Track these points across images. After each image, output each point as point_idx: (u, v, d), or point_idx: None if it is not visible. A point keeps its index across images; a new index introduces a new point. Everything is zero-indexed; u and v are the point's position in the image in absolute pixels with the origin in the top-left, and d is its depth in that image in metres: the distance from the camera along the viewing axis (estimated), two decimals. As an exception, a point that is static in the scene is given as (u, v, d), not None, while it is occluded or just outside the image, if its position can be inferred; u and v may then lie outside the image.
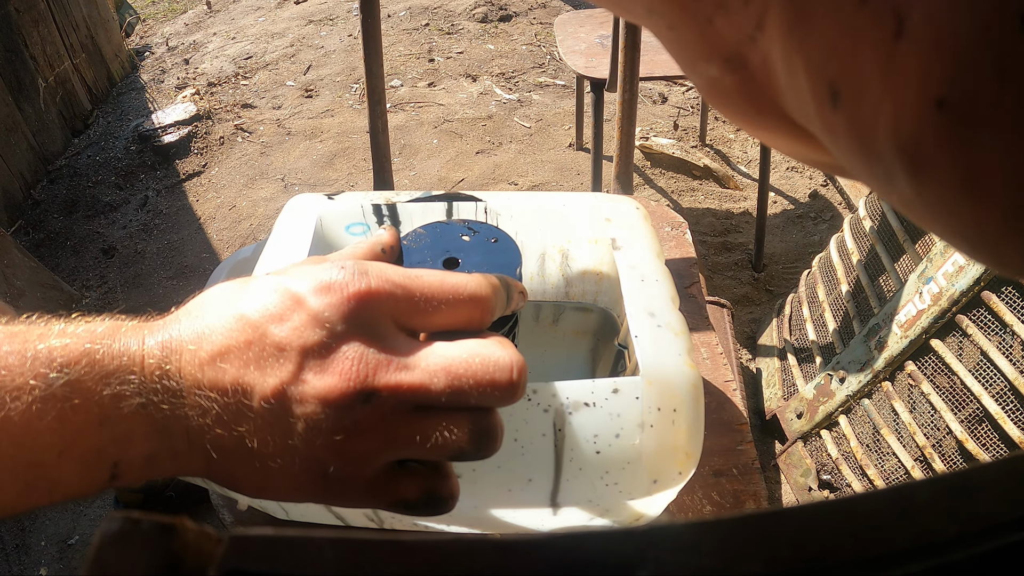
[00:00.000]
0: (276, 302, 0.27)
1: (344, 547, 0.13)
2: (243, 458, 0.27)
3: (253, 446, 0.26)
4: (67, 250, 1.75)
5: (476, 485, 0.37)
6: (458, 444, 0.27)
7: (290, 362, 0.26)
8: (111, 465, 0.26)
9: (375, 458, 0.27)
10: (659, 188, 1.84)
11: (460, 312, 0.29)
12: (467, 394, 0.26)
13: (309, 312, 0.27)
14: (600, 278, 0.55)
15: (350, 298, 0.27)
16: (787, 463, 1.14)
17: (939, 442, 0.88)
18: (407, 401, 0.26)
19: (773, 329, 1.35)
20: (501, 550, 0.13)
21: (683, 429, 0.37)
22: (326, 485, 0.27)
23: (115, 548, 0.13)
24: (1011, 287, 0.80)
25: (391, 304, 0.28)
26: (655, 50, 1.42)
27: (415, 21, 2.64)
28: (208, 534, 0.14)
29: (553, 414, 0.36)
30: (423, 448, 0.27)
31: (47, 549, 1.14)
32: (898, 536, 0.12)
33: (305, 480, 0.27)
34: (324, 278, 0.27)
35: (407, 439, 0.26)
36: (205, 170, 1.98)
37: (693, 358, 0.40)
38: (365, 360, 0.26)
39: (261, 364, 0.26)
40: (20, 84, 1.87)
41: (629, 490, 0.36)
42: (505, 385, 0.27)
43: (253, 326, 0.27)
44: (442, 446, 0.27)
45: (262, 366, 0.26)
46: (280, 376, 0.26)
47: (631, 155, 0.80)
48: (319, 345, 0.26)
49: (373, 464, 0.27)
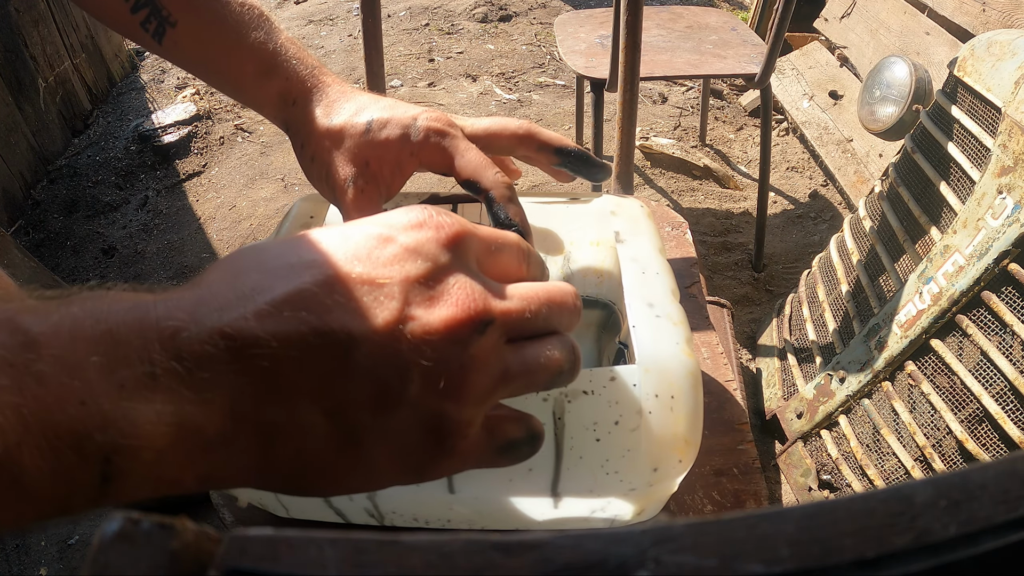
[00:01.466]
0: (358, 241, 0.24)
1: (344, 547, 0.13)
2: (324, 437, 0.22)
3: (345, 415, 0.22)
4: (67, 250, 1.75)
5: (477, 476, 0.37)
6: (559, 364, 0.27)
7: (393, 298, 0.23)
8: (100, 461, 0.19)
9: (491, 397, 0.25)
10: (659, 188, 1.84)
11: (519, 262, 0.30)
12: (557, 316, 0.27)
13: (404, 246, 0.24)
14: (601, 278, 0.55)
15: (447, 233, 0.26)
16: (787, 463, 1.14)
17: (939, 442, 0.88)
18: (515, 327, 0.25)
19: (773, 329, 1.35)
20: (501, 550, 0.13)
21: (682, 417, 0.37)
22: (438, 445, 0.24)
23: (115, 548, 0.13)
24: (1011, 287, 0.80)
25: (476, 244, 0.27)
26: (655, 50, 1.42)
27: (415, 21, 2.64)
28: (208, 534, 0.14)
29: (552, 403, 0.36)
30: (532, 377, 0.26)
31: (47, 549, 1.14)
32: (898, 536, 0.12)
33: (414, 447, 0.24)
34: (412, 218, 0.26)
35: (519, 368, 0.25)
36: (205, 170, 1.98)
37: (691, 347, 0.40)
38: (474, 289, 0.25)
39: (352, 305, 0.22)
40: (20, 84, 1.87)
41: (630, 479, 0.36)
42: (574, 307, 0.28)
43: (332, 266, 0.23)
44: (546, 368, 0.26)
45: (354, 308, 0.22)
46: (385, 315, 0.22)
47: (631, 155, 0.80)
48: (425, 276, 0.24)
49: (487, 404, 0.25)
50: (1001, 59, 0.86)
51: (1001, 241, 0.79)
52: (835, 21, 2.00)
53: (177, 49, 0.45)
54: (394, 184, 0.44)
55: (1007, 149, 0.81)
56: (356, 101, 0.44)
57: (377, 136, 0.42)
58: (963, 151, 0.90)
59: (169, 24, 0.44)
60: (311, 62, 0.46)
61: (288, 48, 0.45)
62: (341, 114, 0.44)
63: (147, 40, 0.44)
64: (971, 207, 0.85)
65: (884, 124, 1.29)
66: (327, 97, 0.45)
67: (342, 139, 0.43)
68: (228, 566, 0.13)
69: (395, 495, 0.39)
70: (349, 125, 0.43)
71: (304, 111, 0.44)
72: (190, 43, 0.45)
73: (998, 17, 1.44)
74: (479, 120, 0.45)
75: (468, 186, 0.42)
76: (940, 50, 1.57)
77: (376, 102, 0.44)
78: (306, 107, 0.44)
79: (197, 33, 0.44)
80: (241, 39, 0.44)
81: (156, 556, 0.13)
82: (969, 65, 0.91)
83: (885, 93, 1.29)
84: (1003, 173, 0.81)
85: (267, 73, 0.44)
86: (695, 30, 1.52)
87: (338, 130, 0.43)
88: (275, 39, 0.45)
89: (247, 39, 0.44)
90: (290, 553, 0.13)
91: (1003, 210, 0.79)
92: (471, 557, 0.12)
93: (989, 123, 0.86)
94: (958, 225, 0.86)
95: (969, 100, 0.91)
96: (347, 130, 0.43)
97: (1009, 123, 0.81)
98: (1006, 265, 0.79)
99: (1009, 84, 0.83)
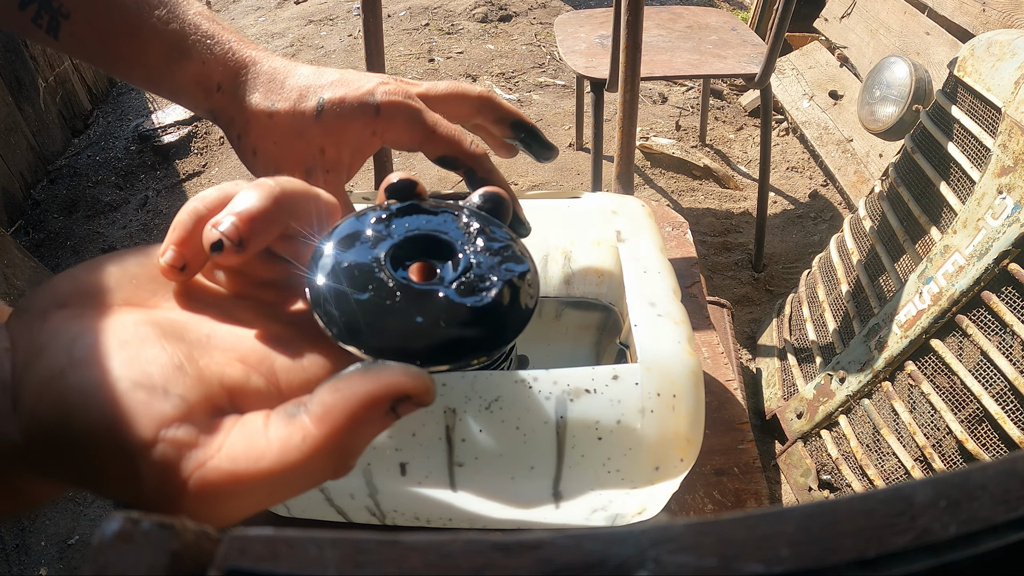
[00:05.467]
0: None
1: (344, 547, 0.13)
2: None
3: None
4: (67, 250, 1.75)
5: (479, 473, 0.37)
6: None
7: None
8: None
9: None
10: (659, 188, 1.84)
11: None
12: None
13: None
14: (602, 278, 0.55)
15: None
16: (787, 463, 1.14)
17: (939, 442, 0.88)
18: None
19: (773, 329, 1.35)
20: (501, 550, 0.13)
21: (683, 415, 0.37)
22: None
23: (115, 548, 0.13)
24: (1011, 287, 0.80)
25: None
26: (655, 50, 1.42)
27: (415, 21, 2.64)
28: (208, 534, 0.14)
29: (555, 401, 0.36)
30: None
31: (47, 549, 1.14)
32: (898, 536, 0.12)
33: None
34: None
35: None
36: (205, 170, 1.98)
37: (693, 346, 0.40)
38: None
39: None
40: (20, 84, 1.87)
41: (631, 477, 0.36)
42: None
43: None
44: None
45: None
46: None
47: (632, 155, 0.80)
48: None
49: None
50: (1001, 59, 0.86)
51: (1001, 241, 0.79)
52: (835, 21, 2.00)
53: (76, 42, 0.40)
54: (354, 166, 0.40)
55: (1007, 149, 0.81)
56: (297, 78, 0.39)
57: (331, 119, 0.38)
58: (963, 151, 0.90)
59: (62, 16, 0.39)
60: (227, 36, 0.40)
61: (200, 24, 0.40)
62: (283, 97, 0.39)
63: (42, 36, 0.39)
64: (971, 207, 0.85)
65: (884, 124, 1.29)
66: (259, 77, 0.39)
67: (289, 126, 0.38)
68: (228, 566, 0.13)
69: (397, 494, 0.39)
70: (296, 109, 0.38)
71: (234, 97, 0.39)
72: (88, 34, 0.39)
73: (998, 17, 1.44)
74: (436, 84, 0.41)
75: (444, 161, 0.39)
76: (940, 50, 1.57)
77: (320, 76, 0.39)
78: (235, 92, 0.39)
79: (93, 21, 0.39)
80: (142, 21, 0.39)
81: (156, 556, 0.13)
82: (969, 65, 0.91)
83: (885, 93, 1.29)
84: (1003, 173, 0.81)
85: (177, 57, 0.39)
86: (695, 30, 1.52)
87: (283, 116, 0.38)
88: (181, 16, 0.39)
89: (147, 20, 0.39)
90: (290, 553, 0.13)
91: (1003, 210, 0.79)
92: (471, 557, 0.12)
93: (989, 123, 0.86)
94: (958, 225, 0.86)
95: (969, 100, 0.91)
96: (294, 115, 0.38)
97: (1009, 123, 0.81)
98: (1006, 265, 0.79)
99: (1009, 84, 0.83)
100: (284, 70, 0.40)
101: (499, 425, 0.36)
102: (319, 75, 0.39)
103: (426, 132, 0.38)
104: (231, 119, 0.40)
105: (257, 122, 0.39)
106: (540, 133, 0.44)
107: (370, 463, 0.37)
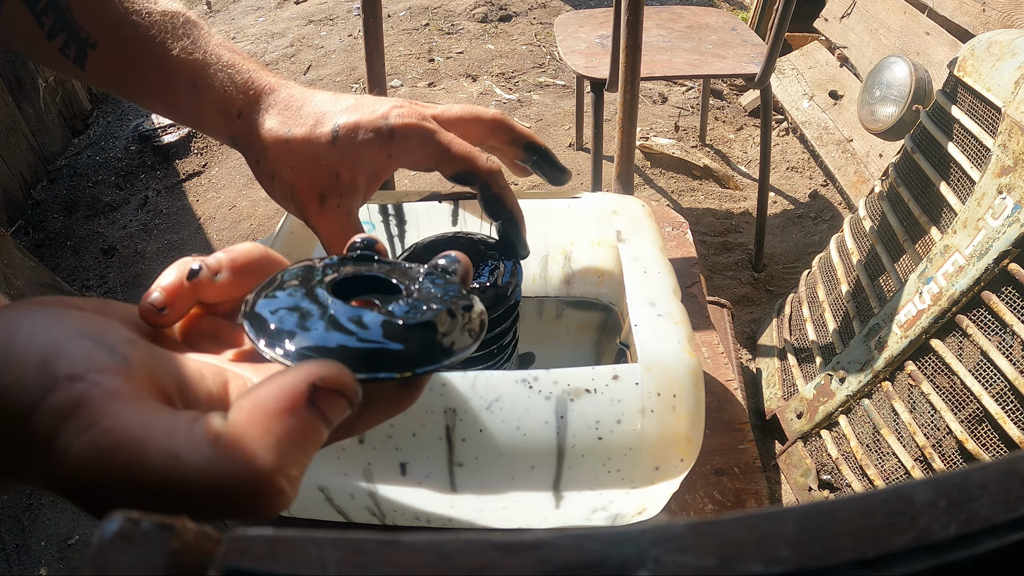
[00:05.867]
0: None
1: (344, 547, 0.13)
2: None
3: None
4: (67, 250, 1.75)
5: (479, 473, 0.37)
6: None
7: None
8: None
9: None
10: (659, 188, 1.84)
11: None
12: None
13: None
14: (602, 278, 0.55)
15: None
16: (787, 463, 1.14)
17: (939, 442, 0.88)
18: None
19: (773, 329, 1.35)
20: (501, 550, 0.13)
21: (683, 415, 0.37)
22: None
23: (115, 548, 0.13)
24: (1011, 287, 0.80)
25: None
26: (655, 50, 1.42)
27: (415, 21, 2.64)
28: (208, 534, 0.14)
29: (555, 401, 0.36)
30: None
31: (47, 549, 1.14)
32: (898, 536, 0.12)
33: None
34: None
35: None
36: (205, 170, 1.98)
37: (693, 346, 0.40)
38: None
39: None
40: (20, 84, 1.87)
41: (631, 477, 0.36)
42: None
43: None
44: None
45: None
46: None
47: (632, 155, 0.80)
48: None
49: None
50: (1001, 59, 0.86)
51: (1001, 241, 0.79)
52: (835, 21, 2.00)
53: (103, 73, 0.40)
54: (370, 190, 0.41)
55: (1007, 149, 0.81)
56: (313, 105, 0.40)
57: (347, 144, 0.39)
58: (963, 151, 0.90)
59: (89, 46, 0.39)
60: (248, 66, 0.41)
61: (221, 55, 0.41)
62: (299, 123, 0.40)
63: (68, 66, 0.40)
64: (971, 207, 0.85)
65: (884, 124, 1.29)
66: (277, 104, 0.41)
67: (305, 152, 0.39)
68: (228, 566, 0.13)
69: (397, 494, 0.39)
70: (311, 135, 0.39)
71: (253, 124, 0.41)
72: (115, 64, 0.40)
73: (998, 17, 1.44)
74: (450, 107, 0.43)
75: (460, 178, 0.40)
76: (940, 50, 1.57)
77: (336, 102, 0.41)
78: (254, 119, 0.41)
79: (119, 52, 0.40)
80: (166, 51, 0.40)
81: (156, 556, 0.13)
82: (969, 65, 0.91)
83: (885, 93, 1.29)
84: (1003, 173, 0.81)
85: (199, 85, 0.40)
86: (695, 30, 1.52)
87: (300, 142, 0.39)
88: (204, 46, 0.40)
89: (172, 50, 0.40)
90: (290, 553, 0.13)
91: (1003, 210, 0.79)
92: (471, 557, 0.12)
93: (989, 123, 0.86)
94: (958, 225, 0.86)
95: (969, 100, 0.91)
96: (310, 141, 0.39)
97: (1009, 123, 0.81)
98: (1006, 265, 0.79)
99: (1009, 84, 0.83)
100: (301, 97, 0.41)
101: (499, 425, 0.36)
102: (335, 101, 0.41)
103: (441, 151, 0.39)
104: (250, 145, 0.41)
105: (274, 148, 0.40)
106: (552, 155, 0.45)
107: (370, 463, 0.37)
